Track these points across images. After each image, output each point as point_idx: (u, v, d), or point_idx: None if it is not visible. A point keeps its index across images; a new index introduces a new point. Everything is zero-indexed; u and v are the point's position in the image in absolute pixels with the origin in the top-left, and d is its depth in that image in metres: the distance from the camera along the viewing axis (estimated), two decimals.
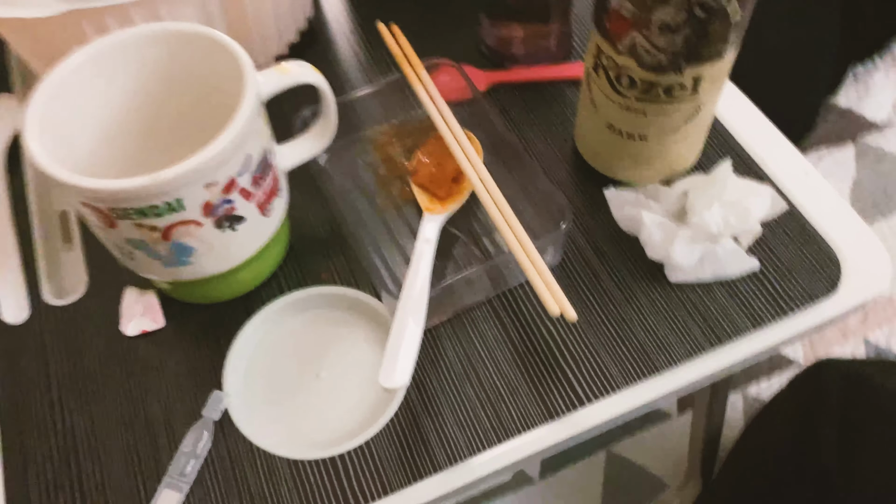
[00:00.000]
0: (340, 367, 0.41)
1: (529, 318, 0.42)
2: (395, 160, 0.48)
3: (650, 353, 0.41)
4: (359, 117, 0.50)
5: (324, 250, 0.45)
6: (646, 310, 0.42)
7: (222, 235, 0.37)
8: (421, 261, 0.40)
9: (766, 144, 0.48)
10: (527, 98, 0.52)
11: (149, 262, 0.38)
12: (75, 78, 0.37)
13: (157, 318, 0.43)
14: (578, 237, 0.45)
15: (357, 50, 0.56)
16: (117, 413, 0.40)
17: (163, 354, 0.42)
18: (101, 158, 0.39)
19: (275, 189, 0.39)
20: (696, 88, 0.39)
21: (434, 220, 0.43)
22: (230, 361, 0.41)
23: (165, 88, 0.40)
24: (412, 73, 0.47)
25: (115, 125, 0.40)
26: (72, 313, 0.44)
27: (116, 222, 0.35)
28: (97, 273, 0.45)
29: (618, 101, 0.41)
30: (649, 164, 0.44)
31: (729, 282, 0.43)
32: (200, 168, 0.33)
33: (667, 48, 0.37)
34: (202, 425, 0.39)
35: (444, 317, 0.42)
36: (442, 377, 0.40)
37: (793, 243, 0.44)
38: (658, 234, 0.42)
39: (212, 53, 0.38)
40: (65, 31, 0.43)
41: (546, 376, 0.40)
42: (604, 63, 0.40)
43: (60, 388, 0.41)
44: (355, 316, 0.43)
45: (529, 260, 0.39)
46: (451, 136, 0.44)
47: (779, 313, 0.41)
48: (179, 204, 0.34)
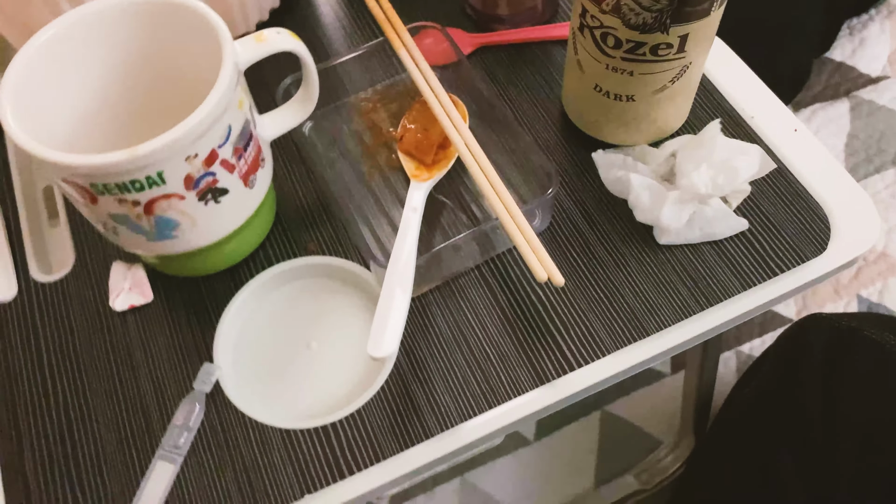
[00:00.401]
0: (330, 336, 0.41)
1: (518, 283, 0.42)
2: (380, 127, 0.48)
3: (640, 317, 0.41)
4: (342, 83, 0.50)
5: (310, 220, 0.45)
6: (635, 273, 0.42)
7: (206, 208, 0.37)
8: (408, 230, 0.40)
9: (756, 102, 0.48)
10: (513, 60, 0.51)
11: (133, 237, 0.37)
12: (51, 51, 0.37)
13: (146, 292, 0.43)
14: (567, 201, 0.45)
15: (340, 14, 0.55)
16: (109, 388, 0.40)
17: (152, 328, 0.42)
18: (80, 133, 0.38)
19: (258, 160, 0.39)
20: (683, 47, 0.39)
21: (420, 188, 0.43)
22: (220, 334, 0.41)
23: (144, 61, 0.39)
24: (395, 36, 0.46)
25: (93, 99, 0.39)
26: (60, 290, 0.44)
27: (98, 198, 0.34)
28: (84, 249, 0.45)
29: (604, 61, 0.40)
30: (637, 125, 0.44)
31: (718, 243, 0.43)
32: (180, 140, 0.33)
33: (651, 7, 0.36)
34: (193, 398, 0.39)
35: (433, 284, 0.42)
36: (432, 345, 0.40)
37: (782, 202, 0.44)
38: (646, 197, 0.42)
39: (189, 23, 0.37)
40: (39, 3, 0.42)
41: (536, 342, 0.40)
42: (589, 23, 0.40)
43: (51, 364, 0.41)
44: (344, 285, 0.43)
45: (516, 225, 0.39)
46: (435, 102, 0.44)
47: (767, 273, 0.41)
48: (160, 177, 0.34)
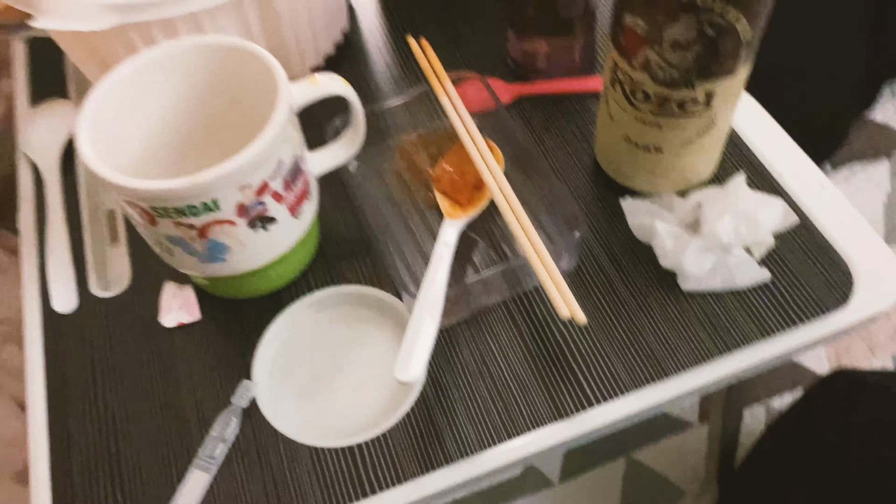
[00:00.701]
0: (362, 361, 0.44)
1: (543, 320, 0.44)
2: (420, 167, 0.51)
3: (659, 358, 0.42)
4: (387, 126, 0.53)
5: (350, 251, 0.48)
6: (657, 316, 0.43)
7: (255, 235, 0.40)
8: (439, 262, 0.42)
9: (783, 158, 0.49)
10: (550, 110, 0.54)
11: (186, 258, 0.41)
12: (124, 86, 0.40)
13: (194, 311, 0.46)
14: (594, 244, 0.47)
15: (389, 62, 0.59)
16: (153, 398, 0.43)
17: (197, 345, 0.45)
18: (145, 160, 0.42)
19: (305, 193, 0.42)
20: (709, 103, 0.41)
21: (454, 225, 0.45)
22: (259, 353, 0.43)
23: (206, 96, 0.43)
24: (438, 84, 0.50)
25: (158, 130, 0.43)
26: (115, 305, 0.47)
27: (157, 220, 0.37)
28: (140, 268, 0.48)
29: (633, 114, 0.43)
30: (664, 174, 0.46)
31: (740, 291, 0.44)
32: (235, 171, 0.36)
33: (678, 64, 0.39)
34: (231, 412, 0.41)
35: (461, 317, 0.44)
36: (456, 374, 0.42)
37: (805, 255, 0.45)
38: (670, 243, 0.44)
39: (249, 65, 0.41)
40: (116, 41, 0.46)
41: (557, 377, 0.42)
42: (620, 77, 0.42)
43: (102, 374, 0.44)
44: (377, 314, 0.45)
45: (542, 263, 0.41)
46: (472, 145, 0.46)
47: (788, 322, 0.42)
48: (215, 204, 0.37)
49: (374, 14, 0.63)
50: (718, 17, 0.36)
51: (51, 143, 0.54)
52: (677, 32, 0.37)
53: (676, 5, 0.36)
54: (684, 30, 0.37)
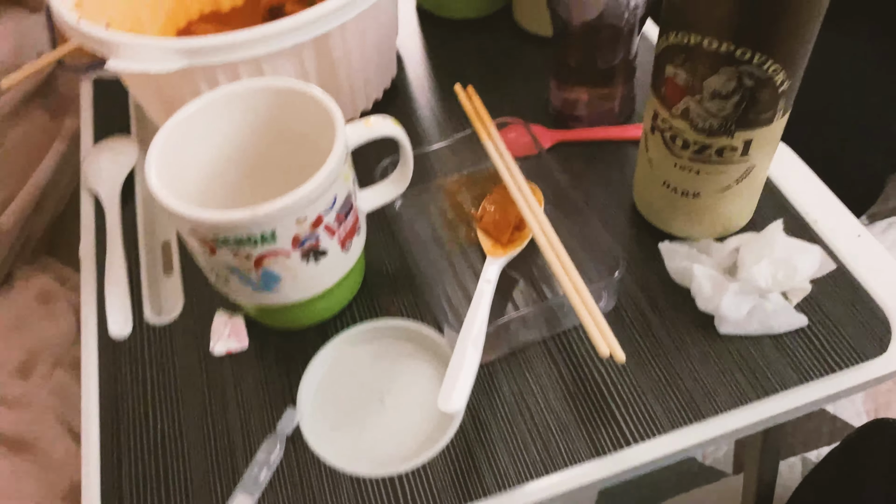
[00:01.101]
0: (403, 394, 0.45)
1: (582, 359, 0.45)
2: (462, 207, 0.53)
3: (697, 400, 0.42)
4: (433, 167, 0.55)
5: (394, 286, 0.49)
6: (694, 358, 0.44)
7: (306, 267, 0.42)
8: (482, 298, 0.44)
9: (819, 205, 0.50)
10: (589, 155, 0.56)
11: (240, 287, 0.42)
12: (189, 123, 0.43)
13: (242, 339, 0.47)
14: (633, 286, 0.48)
15: (434, 107, 0.61)
16: (201, 421, 0.44)
17: (245, 372, 0.46)
18: (207, 194, 0.44)
19: (355, 228, 0.44)
20: (747, 151, 0.42)
21: (495, 263, 0.47)
22: (304, 382, 0.45)
23: (265, 135, 0.46)
24: (482, 128, 0.52)
25: (219, 165, 0.45)
26: (168, 332, 0.49)
27: (217, 249, 0.40)
28: (192, 297, 0.51)
29: (672, 160, 0.44)
30: (702, 220, 0.47)
31: (777, 336, 0.44)
32: (294, 204, 0.38)
33: (718, 113, 0.40)
34: (275, 438, 0.43)
35: (500, 353, 0.45)
36: (496, 409, 0.43)
37: (843, 302, 0.45)
38: (708, 286, 0.44)
39: (307, 106, 0.43)
40: (181, 82, 0.49)
41: (595, 415, 0.42)
42: (660, 125, 0.44)
43: (153, 395, 0.46)
44: (419, 348, 0.47)
45: (583, 303, 0.42)
46: (514, 186, 0.48)
47: (825, 369, 0.43)
48: (272, 236, 0.39)
49: (421, 62, 0.65)
50: (757, 68, 0.37)
51: (112, 176, 0.57)
52: (717, 83, 0.39)
53: (716, 58, 0.38)
54: (724, 81, 0.39)
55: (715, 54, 0.38)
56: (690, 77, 0.40)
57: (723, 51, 0.37)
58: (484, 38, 0.66)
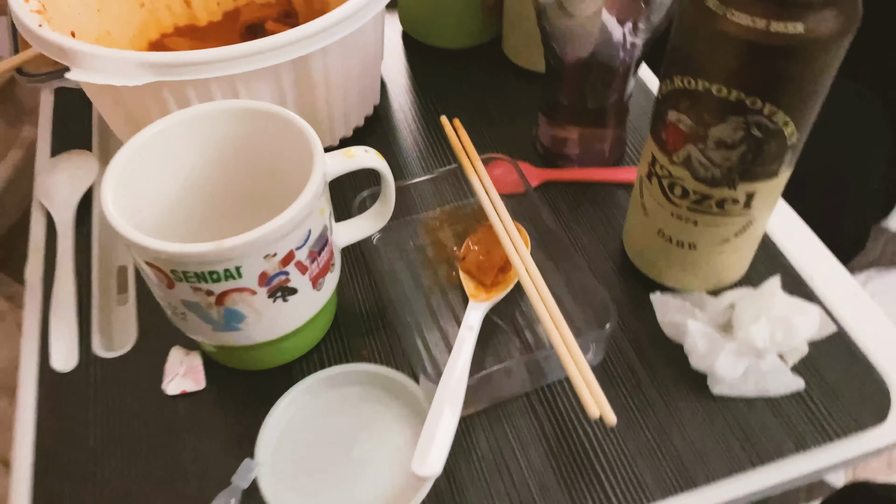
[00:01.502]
0: (372, 446, 0.41)
1: (566, 416, 0.42)
2: (443, 244, 0.50)
3: (688, 466, 0.40)
4: (413, 201, 0.52)
5: (367, 327, 0.46)
6: (686, 420, 0.41)
7: (273, 305, 0.38)
8: (462, 347, 0.40)
9: (816, 263, 0.48)
10: (577, 196, 0.53)
11: (200, 324, 0.39)
12: (153, 144, 0.40)
13: (199, 379, 0.44)
14: (621, 338, 0.45)
15: (417, 138, 0.58)
16: (150, 469, 0.40)
17: (201, 416, 0.42)
18: (168, 221, 0.41)
19: (328, 264, 0.41)
20: (749, 204, 0.40)
21: (478, 308, 0.44)
22: (264, 431, 0.41)
23: (235, 161, 0.42)
24: (469, 163, 0.49)
25: (184, 190, 0.42)
26: (118, 367, 0.45)
27: (175, 283, 0.36)
28: (146, 330, 0.47)
29: (669, 208, 0.42)
30: (697, 272, 0.44)
31: (772, 399, 0.42)
32: (263, 239, 0.34)
33: (721, 164, 0.38)
34: (230, 492, 0.39)
35: (480, 406, 0.42)
36: (473, 467, 0.40)
37: (840, 366, 0.43)
38: (703, 344, 0.42)
39: (284, 133, 0.40)
40: (148, 98, 0.46)
41: (579, 477, 0.39)
42: (658, 171, 0.41)
43: (97, 438, 0.42)
44: (391, 396, 0.43)
45: (571, 357, 0.39)
46: (500, 226, 0.45)
47: (823, 438, 0.40)
48: (238, 272, 0.35)
49: (405, 91, 0.63)
50: (767, 119, 0.35)
51: (68, 194, 0.53)
52: (723, 132, 0.37)
53: (725, 106, 0.36)
54: (731, 130, 0.36)
55: (723, 102, 0.35)
56: (695, 124, 0.37)
57: (732, 99, 0.35)
58: (471, 70, 0.64)
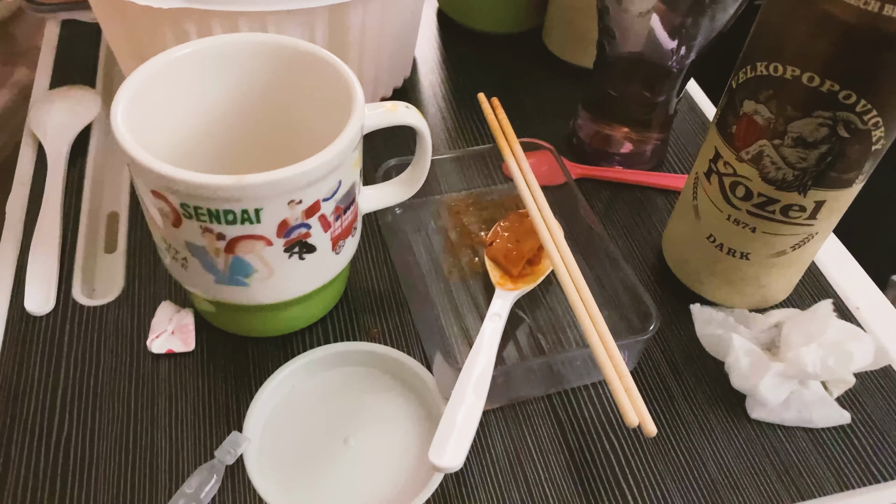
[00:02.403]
0: (372, 435, 0.37)
1: (591, 424, 0.38)
2: (468, 229, 0.46)
3: (722, 493, 0.36)
4: (438, 180, 0.48)
5: (378, 305, 0.42)
6: (721, 443, 0.38)
7: (287, 262, 0.34)
8: (488, 334, 0.36)
9: (862, 294, 0.45)
10: (613, 197, 0.50)
11: (201, 275, 0.34)
12: (174, 70, 0.35)
13: (189, 340, 0.39)
14: (654, 349, 0.41)
15: (446, 117, 0.55)
16: (121, 434, 0.36)
17: (185, 381, 0.38)
18: (181, 155, 0.36)
19: (351, 227, 0.37)
20: (816, 214, 0.37)
21: (506, 297, 0.40)
22: (256, 404, 0.37)
23: (262, 98, 0.38)
24: (506, 144, 0.45)
25: (202, 126, 0.38)
26: (99, 316, 0.40)
27: (182, 221, 0.32)
28: (135, 281, 0.42)
29: (727, 211, 0.38)
30: (742, 286, 0.41)
31: (814, 431, 0.38)
32: (291, 181, 0.30)
33: (796, 164, 0.35)
34: (211, 467, 0.34)
35: (497, 404, 0.38)
36: (485, 470, 0.36)
37: (887, 402, 0.40)
38: (746, 362, 0.38)
39: (319, 75, 0.36)
40: (169, 30, 0.42)
41: (602, 494, 0.35)
42: (719, 169, 0.38)
43: (66, 392, 0.37)
44: (399, 383, 0.39)
45: (609, 358, 0.35)
46: (537, 213, 0.42)
47: (869, 478, 0.37)
48: (257, 215, 0.31)
49: (436, 69, 0.59)
50: (857, 117, 0.32)
51: (65, 128, 0.49)
52: (805, 128, 0.33)
53: (814, 97, 0.32)
54: (815, 127, 0.33)
55: (812, 93, 0.32)
56: (774, 117, 0.34)
57: (824, 90, 0.32)
58: (507, 56, 0.61)
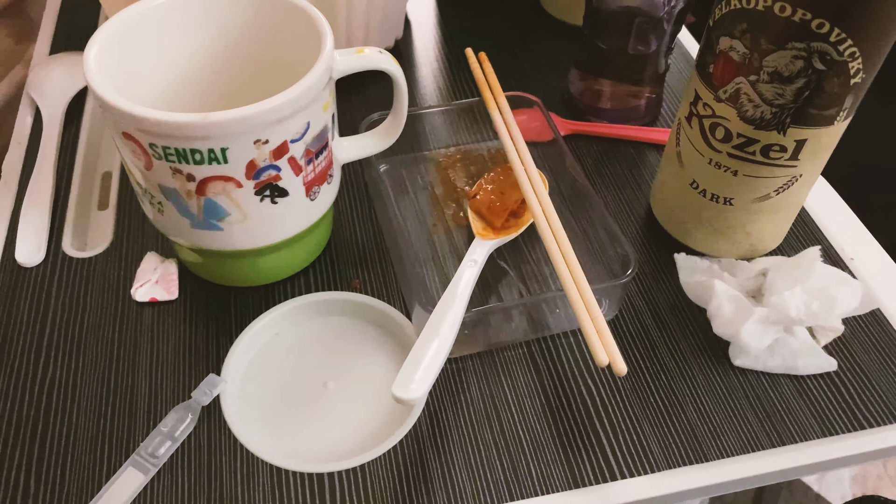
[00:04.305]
0: (351, 381, 0.37)
1: (569, 370, 0.38)
2: (454, 184, 0.46)
3: (700, 438, 0.35)
4: (425, 135, 0.48)
5: (361, 257, 0.42)
6: (702, 390, 0.37)
7: (260, 205, 0.34)
8: (462, 277, 0.36)
9: (858, 244, 0.44)
10: (605, 153, 0.49)
11: (178, 220, 0.35)
12: (150, 18, 0.36)
13: (171, 288, 0.40)
14: (637, 299, 0.41)
15: (438, 78, 0.55)
16: (102, 376, 0.36)
17: (167, 327, 0.39)
18: (157, 101, 0.37)
19: (325, 173, 0.37)
20: (797, 155, 0.36)
21: (484, 245, 0.40)
22: (236, 348, 0.37)
23: (237, 49, 0.39)
24: (490, 97, 0.45)
25: (178, 74, 0.38)
26: (86, 267, 0.41)
27: (153, 163, 0.32)
28: (123, 236, 0.43)
29: (708, 154, 0.38)
30: (729, 234, 0.40)
31: (799, 378, 0.38)
32: (254, 119, 0.31)
33: (773, 100, 0.34)
34: (187, 406, 0.35)
35: (475, 349, 0.38)
36: (460, 413, 0.36)
37: (877, 351, 0.39)
38: (729, 308, 0.38)
39: (291, 20, 0.36)
40: None
41: (578, 438, 0.35)
42: (699, 111, 0.37)
43: (52, 336, 0.38)
44: (380, 331, 0.39)
45: (582, 300, 0.35)
46: (520, 166, 0.41)
47: (854, 424, 0.36)
48: (223, 155, 0.31)
49: (430, 30, 0.59)
50: (832, 48, 0.31)
51: (61, 90, 0.50)
52: (780, 61, 0.33)
53: (786, 28, 0.32)
54: (789, 59, 0.32)
55: (785, 23, 0.31)
56: (749, 52, 0.33)
57: (796, 20, 0.31)
58: (504, 17, 0.60)
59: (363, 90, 0.51)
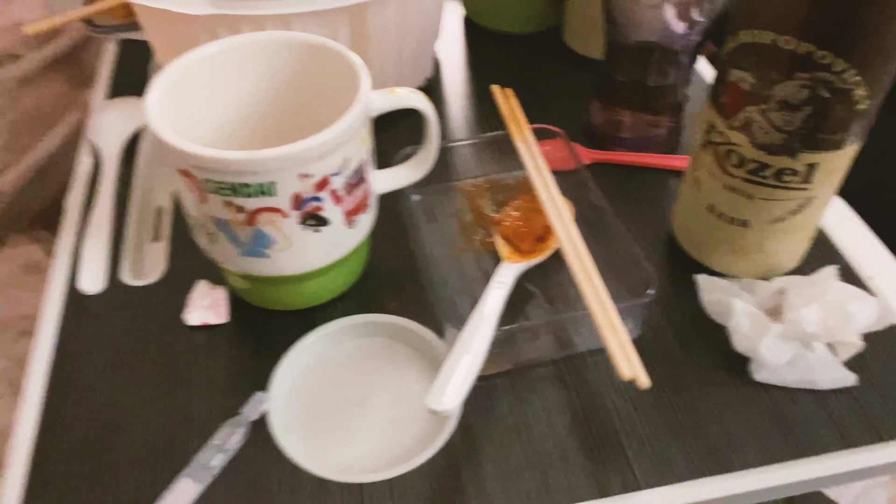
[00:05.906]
0: (388, 398, 0.40)
1: (595, 387, 0.40)
2: (482, 211, 0.48)
3: (721, 451, 0.37)
4: (455, 167, 0.51)
5: (396, 281, 0.45)
6: (723, 404, 0.39)
7: (303, 233, 0.37)
8: (490, 297, 0.39)
9: (876, 263, 0.45)
10: (626, 180, 0.52)
11: (228, 248, 0.38)
12: (204, 65, 0.39)
13: (221, 313, 0.43)
14: (660, 318, 0.43)
15: (468, 114, 0.58)
16: (158, 395, 0.39)
17: (218, 350, 0.41)
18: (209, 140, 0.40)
19: (364, 203, 0.40)
20: (809, 178, 0.38)
21: (511, 268, 0.42)
22: (281, 368, 0.40)
23: (283, 91, 0.42)
24: (517, 131, 0.48)
25: (230, 117, 0.42)
26: (142, 295, 0.44)
27: (207, 196, 0.35)
28: (176, 265, 0.46)
29: (723, 179, 0.40)
30: (747, 255, 0.42)
31: (819, 393, 0.39)
32: (299, 155, 0.34)
33: (783, 127, 0.36)
34: (237, 422, 0.37)
35: (504, 367, 0.40)
36: (491, 427, 0.38)
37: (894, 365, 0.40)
38: (747, 325, 0.39)
39: (332, 65, 0.39)
40: (203, 35, 0.46)
41: (604, 451, 0.37)
42: (714, 139, 0.40)
43: (113, 359, 0.41)
44: (413, 351, 0.42)
45: (607, 318, 0.37)
46: (544, 191, 0.44)
47: (873, 437, 0.37)
48: (271, 188, 0.34)
49: (458, 69, 0.62)
50: (836, 77, 0.33)
51: (117, 132, 0.54)
52: (788, 91, 0.35)
53: (791, 60, 0.34)
54: (796, 88, 0.34)
55: (790, 56, 0.34)
56: (758, 82, 0.36)
57: (800, 52, 0.33)
58: (529, 55, 0.63)
59: (397, 125, 0.54)
